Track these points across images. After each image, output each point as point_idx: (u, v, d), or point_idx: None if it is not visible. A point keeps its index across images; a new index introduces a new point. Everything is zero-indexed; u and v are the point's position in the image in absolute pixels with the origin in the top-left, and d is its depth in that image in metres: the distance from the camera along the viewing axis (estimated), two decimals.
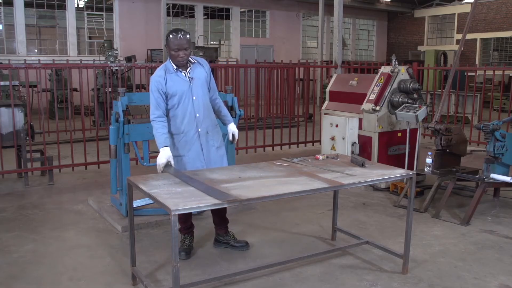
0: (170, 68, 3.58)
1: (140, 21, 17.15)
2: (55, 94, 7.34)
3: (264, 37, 20.56)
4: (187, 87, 3.59)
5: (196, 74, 3.63)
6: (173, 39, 3.45)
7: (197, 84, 3.62)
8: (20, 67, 6.31)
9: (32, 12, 16.02)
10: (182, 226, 3.84)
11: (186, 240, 3.86)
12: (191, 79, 3.60)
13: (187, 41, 3.49)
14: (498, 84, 13.66)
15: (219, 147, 3.82)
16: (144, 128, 4.49)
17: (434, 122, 5.21)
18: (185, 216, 3.79)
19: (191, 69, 3.62)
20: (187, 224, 3.86)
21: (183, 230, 3.86)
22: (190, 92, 3.59)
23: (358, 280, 3.44)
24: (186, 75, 3.60)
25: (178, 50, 3.47)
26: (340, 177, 3.28)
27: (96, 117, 7.56)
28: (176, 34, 3.45)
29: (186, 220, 3.83)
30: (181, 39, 3.45)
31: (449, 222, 4.69)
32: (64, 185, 6.07)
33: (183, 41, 3.45)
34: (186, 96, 3.58)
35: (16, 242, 4.12)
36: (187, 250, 3.80)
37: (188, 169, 3.61)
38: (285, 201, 5.12)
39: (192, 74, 3.62)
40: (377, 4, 22.41)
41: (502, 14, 20.05)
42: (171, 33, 3.49)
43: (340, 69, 9.22)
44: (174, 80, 3.56)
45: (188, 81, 3.59)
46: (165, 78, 3.55)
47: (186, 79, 3.59)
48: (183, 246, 3.82)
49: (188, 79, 3.59)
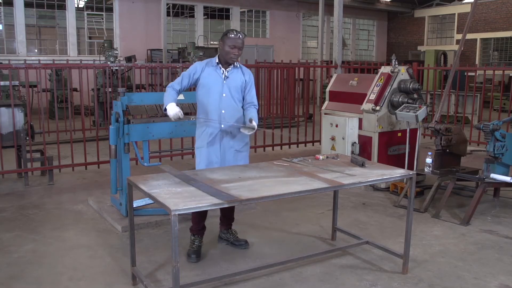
0: (213, 62, 3.77)
1: (140, 21, 17.15)
2: (55, 94, 7.34)
3: (264, 37, 20.56)
4: (220, 83, 3.73)
5: (233, 76, 3.77)
6: (234, 37, 3.66)
7: (230, 84, 3.75)
8: (20, 67, 6.31)
9: (32, 12, 16.03)
10: (194, 227, 3.80)
11: (196, 241, 3.79)
12: (226, 78, 3.74)
13: (243, 42, 3.70)
14: (498, 84, 13.66)
15: (240, 151, 3.83)
16: (144, 128, 4.50)
17: (434, 122, 5.21)
18: (199, 217, 3.76)
19: (230, 70, 3.77)
20: (200, 225, 3.81)
21: (195, 231, 3.81)
22: (221, 88, 3.72)
23: (358, 280, 3.44)
24: (223, 72, 3.74)
25: (234, 48, 3.66)
26: (340, 177, 3.28)
27: (96, 117, 7.56)
28: (237, 33, 3.68)
29: (199, 221, 3.80)
30: (239, 39, 3.67)
31: (449, 222, 4.69)
32: (64, 185, 6.07)
33: (240, 41, 3.67)
34: (216, 91, 3.71)
35: (16, 242, 4.12)
36: (197, 253, 3.74)
37: (203, 160, 3.73)
38: (285, 201, 5.12)
39: (230, 74, 3.76)
40: (377, 4, 22.41)
41: (502, 14, 20.05)
42: (232, 32, 3.69)
43: (340, 69, 9.23)
44: (211, 72, 3.73)
45: (223, 78, 3.73)
46: (203, 68, 3.74)
47: (221, 76, 3.73)
48: (193, 247, 3.76)
49: (224, 76, 3.73)
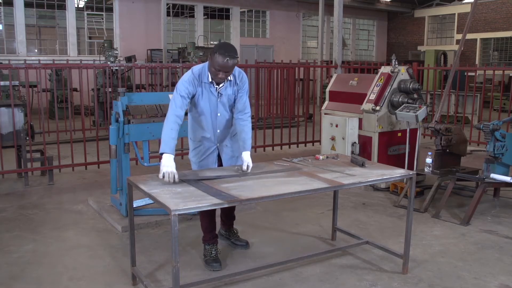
0: (205, 78, 3.45)
1: (140, 21, 17.15)
2: (55, 94, 7.34)
3: (264, 37, 20.56)
4: (214, 102, 3.52)
5: (226, 92, 3.54)
6: (220, 59, 3.26)
7: (224, 101, 3.55)
8: (20, 67, 6.31)
9: (32, 12, 16.02)
10: (207, 236, 3.68)
11: (212, 250, 3.65)
12: (220, 95, 3.51)
13: (232, 65, 3.33)
14: (498, 84, 13.66)
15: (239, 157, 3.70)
16: (144, 128, 4.50)
17: (434, 122, 5.21)
18: (210, 226, 3.69)
19: (224, 86, 3.51)
20: (213, 233, 3.71)
21: (209, 240, 3.67)
22: (216, 107, 3.54)
23: (358, 280, 3.44)
24: (217, 90, 3.50)
25: (219, 71, 3.33)
26: (340, 177, 3.28)
27: (96, 117, 7.56)
28: (224, 57, 3.25)
29: (212, 230, 3.70)
30: (227, 62, 3.28)
31: (449, 222, 4.69)
32: (64, 185, 6.07)
33: (228, 64, 3.29)
34: (212, 111, 3.55)
35: (16, 242, 4.12)
36: (217, 260, 3.61)
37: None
38: (285, 201, 5.12)
39: (223, 91, 3.52)
40: (377, 4, 22.41)
41: (502, 14, 20.05)
42: (221, 52, 3.27)
43: (340, 69, 9.23)
44: (205, 92, 3.48)
45: (217, 96, 3.51)
46: (196, 85, 3.44)
47: (215, 94, 3.50)
48: (212, 256, 3.62)
49: (218, 94, 3.51)
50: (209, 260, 3.61)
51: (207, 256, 3.65)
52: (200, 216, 3.69)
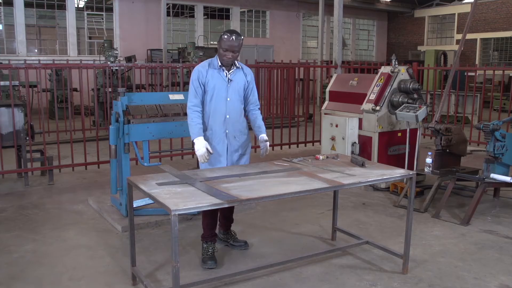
0: (215, 64, 3.66)
1: (140, 21, 17.15)
2: (55, 94, 7.34)
3: (264, 37, 20.56)
4: (225, 86, 3.66)
5: (236, 78, 3.71)
6: (226, 39, 3.54)
7: (234, 87, 3.69)
8: (20, 67, 6.31)
9: (32, 12, 16.02)
10: (207, 233, 3.71)
11: (209, 248, 3.69)
12: (230, 81, 3.67)
13: (238, 44, 3.56)
14: (498, 84, 13.66)
15: (244, 155, 3.84)
16: (144, 128, 4.49)
17: (434, 122, 5.21)
18: (212, 223, 3.72)
19: (233, 72, 3.69)
20: (213, 231, 3.74)
21: (209, 237, 3.70)
22: (226, 92, 3.66)
23: (358, 280, 3.44)
24: (226, 75, 3.66)
25: (227, 51, 3.55)
26: (340, 177, 3.28)
27: (96, 117, 7.56)
28: (230, 35, 3.54)
29: (212, 227, 3.73)
30: (233, 41, 3.53)
31: (449, 222, 4.69)
32: (64, 185, 6.07)
33: (234, 43, 3.54)
34: (221, 95, 3.65)
35: (16, 242, 4.12)
36: (213, 259, 3.65)
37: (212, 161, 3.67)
38: (285, 201, 5.12)
39: (233, 77, 3.69)
40: (377, 4, 22.41)
41: (502, 14, 20.05)
42: (226, 33, 3.57)
43: (340, 69, 9.23)
44: (215, 76, 3.64)
45: (227, 81, 3.66)
46: (207, 70, 3.64)
47: (225, 79, 3.66)
48: (208, 254, 3.66)
49: (228, 79, 3.66)
50: (206, 258, 3.65)
51: (204, 254, 3.69)
52: (203, 213, 3.70)
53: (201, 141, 3.53)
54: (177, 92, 5.28)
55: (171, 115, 5.17)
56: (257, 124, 3.86)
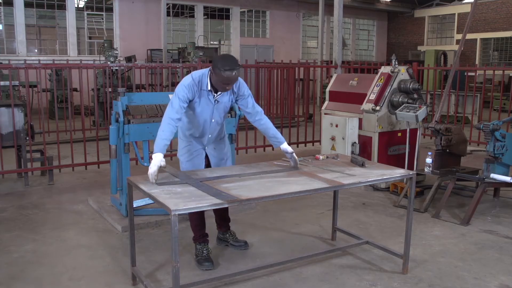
0: (205, 86, 3.45)
1: (140, 21, 17.15)
2: (55, 94, 7.34)
3: (264, 37, 20.56)
4: (210, 109, 3.54)
5: (223, 99, 3.57)
6: (229, 74, 3.27)
7: (220, 107, 3.59)
8: (20, 67, 6.31)
9: (32, 12, 16.01)
10: (197, 235, 3.70)
11: (203, 249, 3.67)
12: (216, 102, 3.54)
13: (238, 76, 3.38)
14: (498, 84, 13.66)
15: (227, 159, 3.84)
16: (144, 128, 4.50)
17: (434, 122, 5.21)
18: (200, 224, 3.70)
19: (221, 94, 3.53)
20: (202, 231, 3.73)
21: (200, 239, 3.70)
22: (211, 114, 3.57)
23: (358, 280, 3.44)
24: (214, 97, 3.52)
25: (228, 84, 3.37)
26: (340, 177, 3.28)
27: (96, 117, 7.56)
28: (232, 71, 3.27)
29: (201, 228, 3.71)
30: (235, 76, 3.33)
31: (449, 222, 4.69)
32: (64, 185, 6.07)
33: (235, 77, 3.34)
34: (207, 118, 3.57)
35: (16, 242, 4.12)
36: (209, 260, 3.63)
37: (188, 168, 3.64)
38: (285, 201, 5.12)
39: (220, 98, 3.54)
40: (377, 4, 22.41)
41: (502, 14, 20.05)
42: (226, 66, 3.27)
43: (340, 69, 9.23)
44: (202, 100, 3.49)
45: (214, 103, 3.53)
46: (196, 91, 3.44)
47: (212, 102, 3.52)
48: (203, 256, 3.65)
49: (215, 101, 3.53)
50: (201, 259, 3.64)
51: (198, 256, 3.68)
52: (189, 215, 3.70)
53: (159, 158, 3.19)
54: None
55: None
56: (271, 134, 3.67)
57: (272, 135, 3.68)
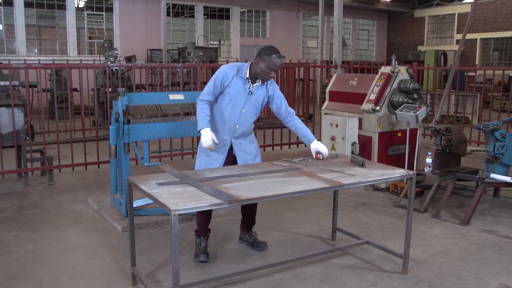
0: (243, 73, 3.60)
1: (140, 21, 17.16)
2: (55, 94, 7.33)
3: (264, 37, 20.56)
4: (244, 98, 3.62)
5: (257, 92, 3.67)
6: (275, 60, 3.49)
7: (252, 100, 3.66)
8: (20, 67, 6.31)
9: (32, 12, 16.02)
10: (200, 228, 3.77)
11: (202, 242, 3.75)
12: (250, 93, 3.63)
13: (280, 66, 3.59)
14: (498, 84, 13.66)
15: (256, 156, 3.84)
16: (144, 128, 4.49)
17: (434, 122, 5.21)
18: (205, 219, 3.75)
19: (256, 87, 3.65)
20: (205, 226, 3.78)
21: (201, 232, 3.77)
22: (243, 103, 3.63)
23: (358, 280, 3.44)
24: (249, 87, 3.62)
25: (273, 70, 3.54)
26: (340, 177, 3.28)
27: (96, 117, 7.56)
28: (279, 57, 3.50)
29: (205, 223, 3.77)
30: (280, 63, 3.53)
31: (449, 222, 4.69)
32: (64, 185, 6.07)
33: (280, 65, 3.55)
34: (238, 105, 3.62)
35: (16, 242, 4.12)
36: (205, 252, 3.71)
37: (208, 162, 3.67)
38: (285, 201, 5.12)
39: (255, 90, 3.65)
40: (377, 4, 22.42)
41: (502, 14, 20.05)
42: (275, 53, 3.50)
43: (340, 69, 9.23)
44: (238, 84, 3.59)
45: (247, 93, 3.62)
46: (234, 76, 3.58)
47: (246, 91, 3.62)
48: (200, 248, 3.73)
49: (248, 92, 3.62)
50: (198, 252, 3.71)
51: (196, 249, 3.75)
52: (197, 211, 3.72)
53: (208, 132, 3.46)
54: (177, 92, 5.28)
55: (171, 115, 5.17)
56: (301, 133, 3.86)
57: (302, 135, 3.88)
